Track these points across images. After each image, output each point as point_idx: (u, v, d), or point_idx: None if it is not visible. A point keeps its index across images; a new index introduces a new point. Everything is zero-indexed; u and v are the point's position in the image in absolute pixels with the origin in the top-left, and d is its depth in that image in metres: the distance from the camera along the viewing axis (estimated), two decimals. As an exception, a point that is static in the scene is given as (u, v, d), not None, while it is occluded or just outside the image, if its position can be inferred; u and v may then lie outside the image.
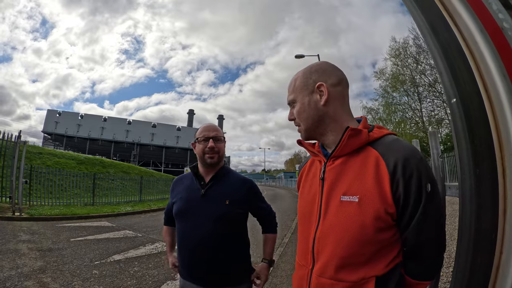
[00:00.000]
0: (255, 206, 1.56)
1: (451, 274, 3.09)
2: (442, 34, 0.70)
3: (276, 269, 4.43)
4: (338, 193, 0.86)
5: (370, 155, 0.83)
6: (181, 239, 1.47)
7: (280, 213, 11.63)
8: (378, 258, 0.82)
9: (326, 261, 0.86)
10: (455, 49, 0.66)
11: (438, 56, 0.71)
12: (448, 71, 0.67)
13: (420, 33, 0.83)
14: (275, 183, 66.05)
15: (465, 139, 0.65)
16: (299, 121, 0.96)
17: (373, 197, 0.79)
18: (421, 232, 0.78)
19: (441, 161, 1.04)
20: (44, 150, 17.16)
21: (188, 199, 1.48)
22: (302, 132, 0.96)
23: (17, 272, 3.73)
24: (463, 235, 0.70)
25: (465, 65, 0.64)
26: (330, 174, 0.90)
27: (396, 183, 0.77)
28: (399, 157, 0.78)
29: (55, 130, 61.65)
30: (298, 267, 0.98)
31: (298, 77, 0.96)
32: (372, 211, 0.79)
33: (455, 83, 0.66)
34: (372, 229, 0.79)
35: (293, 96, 0.96)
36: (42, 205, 9.75)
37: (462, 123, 0.65)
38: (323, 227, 0.88)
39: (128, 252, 5.13)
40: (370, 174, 0.81)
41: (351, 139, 0.84)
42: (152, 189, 16.66)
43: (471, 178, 0.66)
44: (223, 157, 1.53)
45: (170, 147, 70.21)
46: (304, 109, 0.92)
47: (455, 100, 0.65)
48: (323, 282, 0.86)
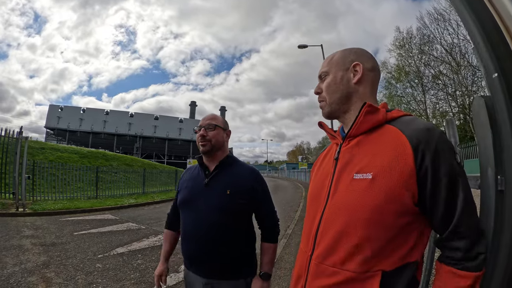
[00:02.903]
0: (257, 201, 1.46)
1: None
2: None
3: (280, 261, 4.40)
4: (351, 171, 0.80)
5: (388, 131, 0.79)
6: (184, 229, 1.46)
7: (283, 204, 11.66)
8: (388, 249, 0.72)
9: (328, 245, 0.78)
10: (491, 22, 0.58)
11: (475, 29, 0.63)
12: (488, 45, 0.59)
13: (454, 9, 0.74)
14: (278, 174, 66.35)
15: (510, 116, 0.56)
16: (325, 95, 0.93)
17: (390, 173, 0.72)
18: (464, 212, 0.68)
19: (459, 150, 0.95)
20: (46, 145, 17.19)
21: (192, 188, 1.47)
22: (325, 107, 0.93)
23: (21, 268, 3.72)
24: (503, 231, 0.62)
25: (502, 40, 0.56)
26: (344, 154, 0.85)
27: (422, 156, 0.70)
28: (422, 129, 0.72)
29: (57, 125, 62.02)
30: (299, 254, 0.92)
31: (336, 53, 0.95)
32: (386, 188, 0.71)
33: (495, 56, 0.57)
34: (384, 210, 0.71)
35: (327, 68, 0.94)
36: (45, 200, 9.78)
37: (505, 99, 0.56)
38: (330, 208, 0.81)
39: (132, 245, 5.12)
40: (388, 149, 0.75)
41: (368, 115, 0.81)
42: (155, 181, 16.70)
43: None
44: (218, 145, 1.48)
45: (172, 139, 70.51)
46: (335, 82, 0.91)
47: (496, 75, 0.57)
48: (322, 269, 0.78)
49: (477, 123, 0.74)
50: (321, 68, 0.96)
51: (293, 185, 25.62)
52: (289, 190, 20.20)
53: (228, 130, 1.57)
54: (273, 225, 1.51)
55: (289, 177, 50.63)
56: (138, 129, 67.53)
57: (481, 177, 0.76)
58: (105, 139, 64.37)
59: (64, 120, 62.70)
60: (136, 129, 67.53)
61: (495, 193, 0.69)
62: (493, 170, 0.69)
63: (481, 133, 0.73)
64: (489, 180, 0.72)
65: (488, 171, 0.72)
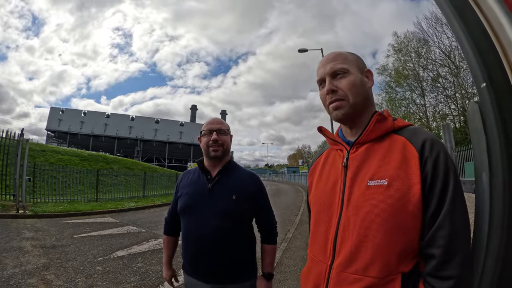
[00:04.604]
0: (258, 205, 1.49)
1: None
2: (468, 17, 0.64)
3: (280, 265, 4.39)
4: (364, 178, 0.81)
5: (396, 140, 0.82)
6: (186, 234, 1.44)
7: (283, 208, 11.62)
8: (406, 251, 0.75)
9: (349, 253, 0.78)
10: (480, 30, 0.60)
11: (464, 39, 0.65)
12: (476, 52, 0.61)
13: (444, 17, 0.76)
14: (278, 178, 66.17)
15: (497, 127, 0.58)
16: (347, 94, 0.86)
17: (402, 178, 0.76)
18: (455, 218, 0.71)
19: (455, 155, 0.97)
20: (47, 148, 17.22)
21: (194, 193, 1.45)
22: (347, 107, 0.86)
23: (21, 270, 3.73)
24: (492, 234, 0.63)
25: (491, 47, 0.58)
26: (354, 161, 0.86)
27: (425, 161, 0.75)
28: (426, 138, 0.78)
29: (58, 128, 62.10)
30: (313, 263, 0.90)
31: (346, 53, 0.93)
32: (401, 193, 0.75)
33: (484, 66, 0.59)
34: (403, 213, 0.74)
35: (346, 65, 0.88)
36: (46, 202, 9.78)
37: (493, 109, 0.58)
38: (347, 215, 0.81)
39: (132, 248, 5.12)
40: (397, 156, 0.79)
41: (378, 124, 0.84)
42: (155, 184, 16.69)
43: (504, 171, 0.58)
44: (228, 151, 1.49)
45: (173, 142, 70.49)
46: (359, 83, 0.88)
47: (485, 84, 0.59)
48: (344, 277, 0.78)
49: (472, 128, 0.76)
50: (335, 63, 0.89)
51: (293, 189, 25.56)
52: (290, 193, 20.17)
53: (231, 134, 1.58)
54: (272, 227, 1.54)
55: (289, 181, 50.49)
56: (139, 133, 67.56)
57: (476, 181, 0.78)
58: (106, 142, 64.41)
59: (65, 123, 62.81)
60: (137, 133, 67.57)
61: (489, 198, 0.71)
62: (487, 175, 0.71)
63: (476, 138, 0.75)
64: (484, 185, 0.73)
65: (483, 175, 0.74)
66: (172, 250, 1.66)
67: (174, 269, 1.65)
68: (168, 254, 1.65)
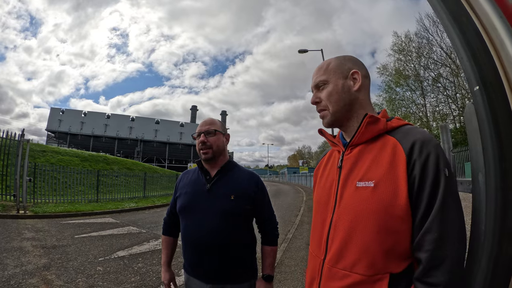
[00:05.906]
0: (258, 205, 1.48)
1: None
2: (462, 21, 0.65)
3: (280, 265, 4.40)
4: (355, 179, 0.84)
5: (387, 142, 0.83)
6: (185, 234, 1.44)
7: (283, 208, 11.63)
8: (395, 252, 0.76)
9: (338, 249, 0.82)
10: (474, 34, 0.61)
11: (458, 43, 0.66)
12: (470, 56, 0.62)
13: (439, 19, 0.77)
14: (279, 179, 66.15)
15: (490, 129, 0.59)
16: (326, 104, 0.92)
17: (388, 181, 0.76)
18: (444, 222, 0.70)
19: (452, 156, 0.98)
20: (47, 148, 17.24)
21: (193, 193, 1.45)
22: (328, 116, 0.93)
23: (22, 270, 3.74)
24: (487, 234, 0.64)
25: (485, 51, 0.59)
26: (347, 162, 0.89)
27: (413, 164, 0.75)
28: (416, 139, 0.77)
29: (58, 128, 62.22)
30: (311, 258, 0.95)
31: (331, 61, 0.95)
32: (387, 196, 0.75)
33: (477, 69, 0.60)
34: (389, 216, 0.75)
35: (325, 77, 0.93)
36: (46, 202, 9.79)
37: (486, 111, 0.60)
38: (338, 214, 0.85)
39: (132, 248, 5.13)
40: (386, 158, 0.79)
41: (369, 126, 0.84)
42: (156, 185, 16.70)
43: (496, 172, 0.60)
44: (220, 151, 1.48)
45: (173, 143, 70.59)
46: (337, 91, 0.91)
47: (478, 87, 0.60)
48: (335, 272, 0.82)
49: (469, 129, 0.77)
50: (317, 76, 0.95)
51: (294, 190, 25.55)
52: (290, 194, 20.16)
53: (227, 134, 1.57)
54: (273, 228, 1.54)
55: (290, 181, 50.47)
56: (139, 133, 67.69)
57: (472, 182, 0.79)
58: (106, 143, 64.50)
59: (65, 123, 62.94)
60: (137, 133, 67.69)
61: (485, 199, 0.72)
62: (483, 176, 0.72)
63: (473, 139, 0.76)
64: (480, 185, 0.74)
65: (479, 176, 0.75)
66: (171, 251, 1.65)
67: (172, 271, 1.62)
68: (167, 254, 1.64)
